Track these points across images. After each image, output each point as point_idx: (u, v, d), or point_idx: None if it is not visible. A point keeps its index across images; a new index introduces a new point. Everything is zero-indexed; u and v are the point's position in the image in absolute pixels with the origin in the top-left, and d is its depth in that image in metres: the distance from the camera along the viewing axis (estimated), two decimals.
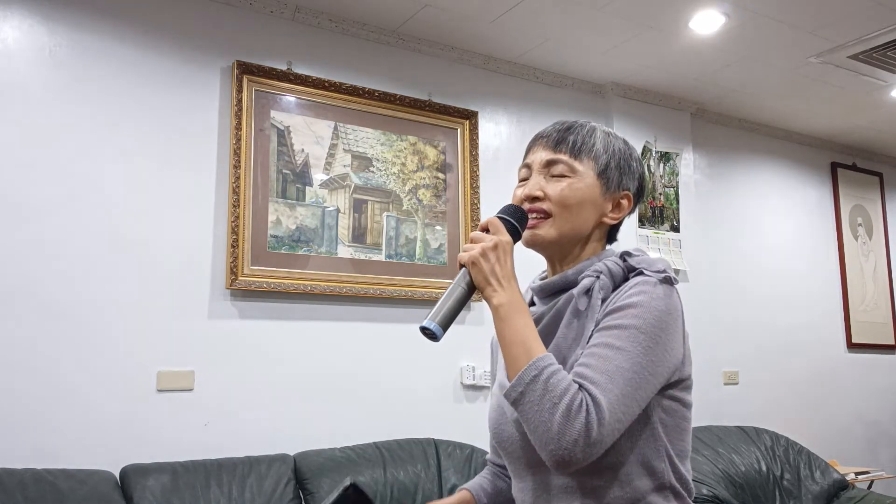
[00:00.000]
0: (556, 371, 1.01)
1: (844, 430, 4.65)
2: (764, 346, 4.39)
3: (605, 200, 1.21)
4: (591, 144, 1.21)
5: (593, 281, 1.14)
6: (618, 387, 1.01)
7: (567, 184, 1.18)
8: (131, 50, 2.76)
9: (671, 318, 1.08)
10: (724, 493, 3.19)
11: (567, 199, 1.17)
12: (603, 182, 1.20)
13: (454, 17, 3.19)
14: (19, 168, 2.51)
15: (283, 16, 3.07)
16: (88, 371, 2.53)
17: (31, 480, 2.21)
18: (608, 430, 0.99)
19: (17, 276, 2.47)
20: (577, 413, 0.97)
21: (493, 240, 1.10)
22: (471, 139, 3.43)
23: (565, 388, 0.99)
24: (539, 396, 0.99)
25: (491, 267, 1.08)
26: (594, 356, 1.04)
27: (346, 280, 3.03)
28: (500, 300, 1.08)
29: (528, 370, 1.01)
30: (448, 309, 1.08)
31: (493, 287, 1.08)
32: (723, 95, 4.13)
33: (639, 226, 3.86)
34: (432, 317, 1.07)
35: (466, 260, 1.10)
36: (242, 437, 2.75)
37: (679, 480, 1.13)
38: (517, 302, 1.08)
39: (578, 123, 1.24)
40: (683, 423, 1.15)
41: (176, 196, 2.77)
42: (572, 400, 0.98)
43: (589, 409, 0.98)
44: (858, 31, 3.34)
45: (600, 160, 1.20)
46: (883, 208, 5.19)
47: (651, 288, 1.09)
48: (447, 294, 1.10)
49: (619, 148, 1.24)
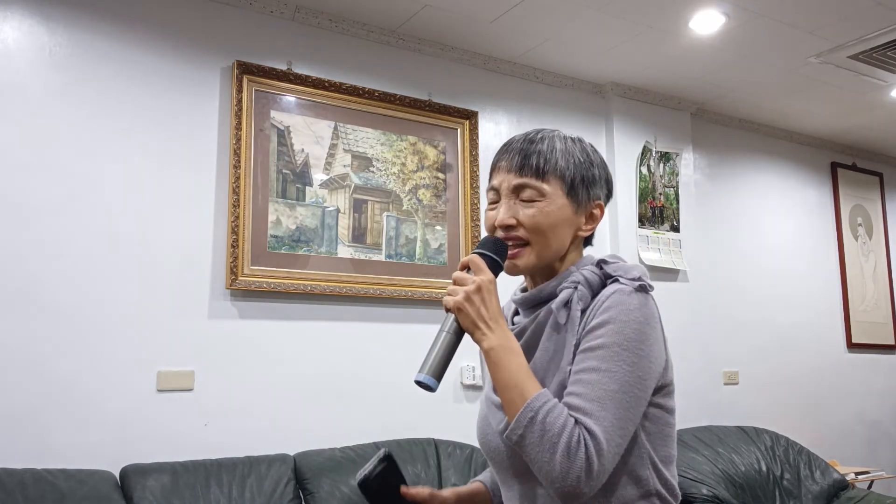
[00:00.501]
0: (551, 409, 1.02)
1: (844, 430, 4.65)
2: (764, 346, 4.39)
3: (577, 216, 1.21)
4: (554, 163, 1.19)
5: (571, 292, 1.14)
6: (610, 412, 1.03)
7: (538, 209, 1.17)
8: (131, 50, 2.76)
9: (649, 327, 1.09)
10: (724, 493, 3.19)
11: (541, 224, 1.17)
12: (573, 200, 1.20)
13: (454, 17, 3.19)
14: (19, 168, 2.51)
15: (283, 16, 3.07)
16: (88, 371, 2.53)
17: (31, 480, 2.21)
18: (608, 460, 1.02)
19: (18, 276, 2.47)
20: (576, 451, 0.99)
21: (476, 282, 1.10)
22: (471, 139, 3.43)
23: (562, 425, 1.01)
24: (538, 438, 1.01)
25: (477, 310, 1.09)
26: (581, 383, 1.05)
27: (346, 280, 3.03)
28: (491, 344, 1.08)
29: (525, 413, 1.02)
30: (439, 359, 1.08)
31: (482, 331, 1.09)
32: (723, 95, 4.13)
33: (639, 226, 3.87)
34: (424, 369, 1.07)
35: (452, 306, 1.10)
36: (242, 437, 2.75)
37: (664, 486, 1.14)
38: (508, 342, 1.09)
39: (539, 137, 1.21)
40: (667, 430, 1.15)
41: (176, 196, 2.77)
42: (570, 438, 1.00)
43: (587, 444, 1.00)
44: (858, 31, 3.34)
45: (566, 178, 1.19)
46: (883, 208, 5.20)
47: (626, 298, 1.09)
48: (436, 343, 1.09)
49: (580, 160, 1.21)
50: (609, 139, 3.92)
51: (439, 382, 1.07)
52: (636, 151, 3.93)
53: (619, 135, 3.91)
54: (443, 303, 1.12)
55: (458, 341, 1.10)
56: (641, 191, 3.90)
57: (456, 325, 1.10)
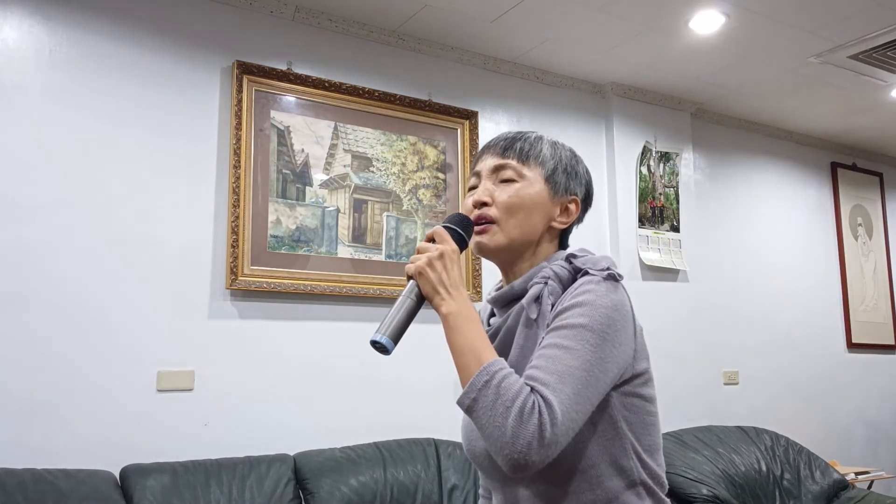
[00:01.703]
0: (507, 375, 1.02)
1: (844, 430, 4.65)
2: (764, 346, 4.39)
3: (553, 205, 1.22)
4: (539, 150, 1.23)
5: (541, 288, 1.15)
6: (569, 386, 1.02)
7: (515, 189, 1.20)
8: (131, 50, 2.76)
9: (618, 314, 1.09)
10: (724, 493, 3.19)
11: (514, 204, 1.19)
12: (550, 186, 1.22)
13: (454, 17, 3.19)
14: (19, 168, 2.51)
15: (283, 16, 3.07)
16: (88, 371, 2.53)
17: (31, 480, 2.20)
18: (562, 430, 0.99)
19: (18, 277, 2.47)
20: (529, 415, 0.98)
21: (439, 249, 1.11)
22: (471, 139, 3.43)
23: (517, 391, 1.00)
24: (491, 402, 1.00)
25: (438, 276, 1.10)
26: (544, 357, 1.05)
27: (346, 280, 3.03)
28: (449, 308, 1.09)
29: (480, 376, 1.02)
30: (398, 322, 1.08)
31: (441, 296, 1.09)
32: (723, 95, 4.13)
33: (639, 226, 3.86)
34: (382, 330, 1.07)
35: (413, 271, 1.11)
36: (242, 437, 2.75)
37: (650, 475, 1.14)
38: (466, 310, 1.09)
39: (526, 132, 1.26)
40: (649, 418, 1.15)
41: (176, 196, 2.77)
42: (524, 402, 0.98)
43: (541, 411, 0.98)
44: (858, 31, 3.34)
45: (547, 165, 1.22)
46: (883, 208, 5.20)
47: (595, 286, 1.10)
48: (396, 306, 1.10)
49: (565, 155, 1.26)
50: (609, 139, 3.92)
51: (395, 345, 1.07)
52: (636, 151, 3.93)
53: (619, 135, 3.91)
54: (405, 270, 1.12)
55: (418, 306, 1.11)
56: (641, 191, 3.90)
57: (417, 290, 1.11)
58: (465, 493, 2.80)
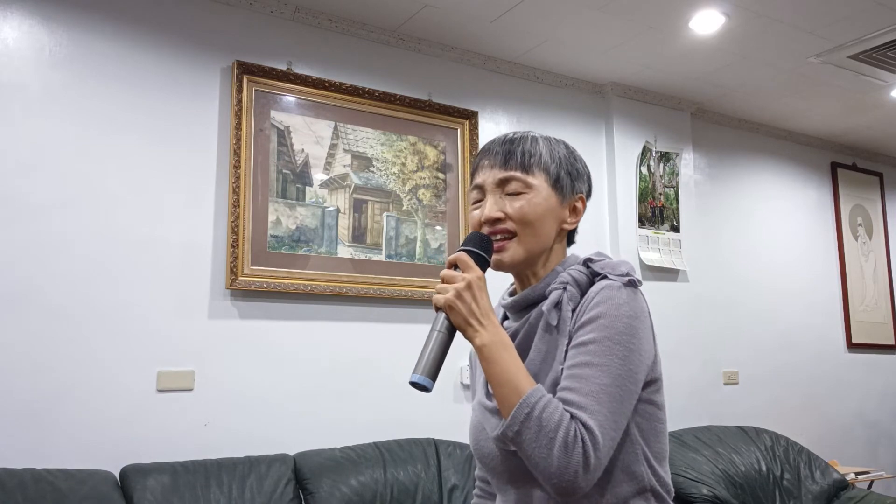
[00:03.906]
0: (546, 405, 1.02)
1: (844, 430, 4.65)
2: (764, 346, 4.39)
3: (562, 209, 1.22)
4: (539, 156, 1.20)
5: (561, 293, 1.14)
6: (605, 406, 1.03)
7: (525, 200, 1.18)
8: (131, 50, 2.76)
9: (639, 321, 1.10)
10: (724, 493, 3.19)
11: (528, 215, 1.18)
12: (558, 192, 1.21)
13: (454, 17, 3.19)
14: (19, 168, 2.51)
15: (283, 16, 3.07)
16: (88, 371, 2.53)
17: (31, 480, 2.20)
18: (604, 453, 1.02)
19: (17, 277, 2.47)
20: (573, 445, 1.00)
21: (466, 279, 1.09)
22: (471, 139, 3.43)
23: (558, 420, 1.01)
24: (535, 434, 1.01)
25: (468, 307, 1.08)
26: (575, 378, 1.06)
27: (346, 280, 3.03)
28: (483, 340, 1.08)
29: (521, 408, 1.02)
30: (433, 359, 1.07)
31: (474, 327, 1.08)
32: (723, 95, 4.13)
33: (639, 226, 3.86)
34: (419, 370, 1.06)
35: (442, 303, 1.09)
36: (242, 437, 2.75)
37: (659, 482, 1.15)
38: (500, 339, 1.09)
39: (520, 136, 1.23)
40: (659, 426, 1.16)
41: (176, 196, 2.77)
42: (567, 432, 1.00)
43: (584, 439, 1.00)
44: (858, 31, 3.34)
45: (551, 170, 1.20)
46: (883, 208, 5.20)
47: (615, 293, 1.10)
48: (428, 342, 1.08)
49: (564, 154, 1.23)
50: (609, 139, 3.92)
51: (434, 382, 1.06)
52: (636, 151, 3.93)
53: (619, 135, 3.91)
54: (433, 301, 1.11)
55: (450, 339, 1.10)
56: (641, 191, 3.90)
57: (447, 323, 1.09)
58: (465, 493, 2.80)
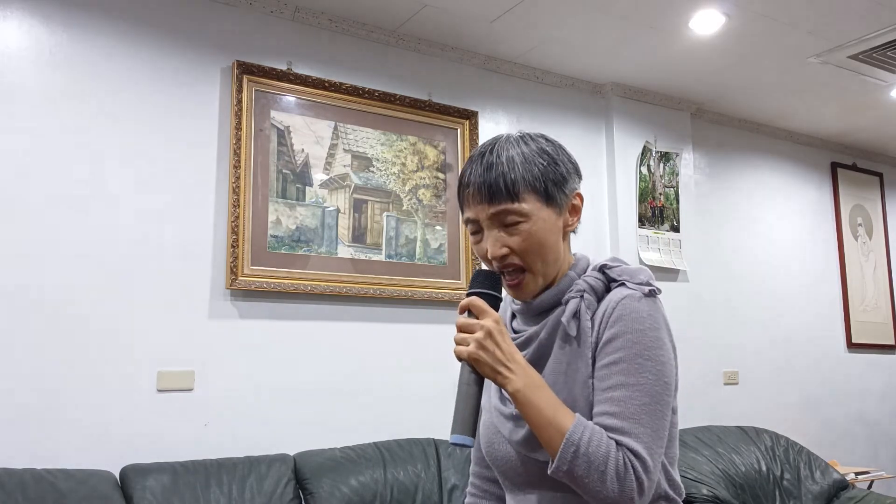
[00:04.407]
0: (590, 439, 1.02)
1: (844, 430, 4.65)
2: (764, 346, 4.39)
3: (560, 219, 1.18)
4: (521, 177, 1.12)
5: (578, 302, 1.13)
6: (648, 427, 1.04)
7: (525, 232, 1.13)
8: (131, 50, 2.76)
9: (663, 332, 1.10)
10: (724, 493, 3.19)
11: (532, 247, 1.14)
12: (553, 206, 1.16)
13: (454, 17, 3.19)
14: (19, 168, 2.51)
15: (283, 16, 3.07)
16: (88, 371, 2.53)
17: (31, 480, 2.20)
18: (654, 474, 1.04)
19: (18, 276, 2.47)
20: (625, 474, 1.01)
21: (485, 328, 1.06)
22: (471, 139, 3.43)
23: (605, 453, 1.01)
24: (585, 470, 1.01)
25: (493, 356, 1.06)
26: (612, 401, 1.05)
27: (346, 280, 3.03)
28: (516, 386, 1.06)
29: (566, 448, 1.02)
30: (468, 414, 1.06)
31: (503, 375, 1.06)
32: (723, 95, 4.13)
33: (639, 226, 3.86)
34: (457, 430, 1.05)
35: (466, 357, 1.07)
36: (242, 437, 2.75)
37: (672, 486, 1.15)
38: (531, 380, 1.07)
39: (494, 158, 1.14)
40: (673, 431, 1.16)
41: (176, 196, 2.77)
42: (616, 463, 1.01)
43: (634, 467, 1.01)
44: (858, 31, 3.34)
45: (539, 189, 1.13)
46: (883, 208, 5.19)
47: (637, 305, 1.09)
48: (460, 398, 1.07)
49: (543, 164, 1.15)
50: (609, 139, 3.92)
51: (475, 437, 1.05)
52: (636, 151, 3.93)
53: (619, 135, 3.91)
54: (455, 352, 1.09)
55: (480, 390, 1.08)
56: (641, 191, 3.90)
57: (474, 375, 1.07)
58: (465, 492, 2.80)
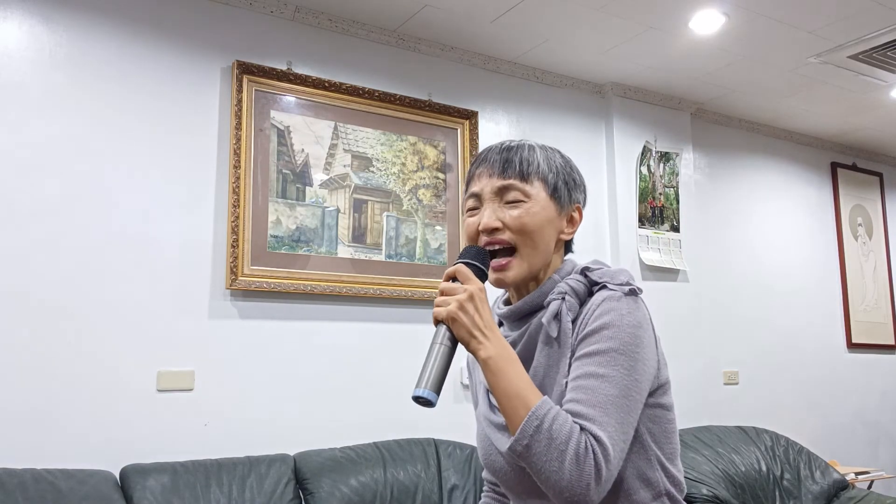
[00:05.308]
0: (555, 417, 1.01)
1: (844, 430, 4.65)
2: (764, 346, 4.39)
3: (559, 219, 1.20)
4: (537, 165, 1.18)
5: (560, 304, 1.13)
6: (613, 417, 1.02)
7: (524, 210, 1.16)
8: (131, 50, 2.76)
9: (642, 330, 1.09)
10: (724, 493, 3.19)
11: (527, 225, 1.15)
12: (556, 201, 1.19)
13: (454, 17, 3.19)
14: (19, 168, 2.51)
15: (283, 16, 3.07)
16: (89, 371, 2.53)
17: (31, 480, 2.21)
18: (615, 464, 1.01)
19: (17, 276, 2.47)
20: (584, 458, 0.98)
21: (468, 290, 1.08)
22: (471, 139, 3.43)
23: (568, 432, 1.00)
24: (545, 447, 0.99)
25: (471, 319, 1.07)
26: (581, 389, 1.05)
27: (346, 280, 3.03)
28: (488, 353, 1.06)
29: (530, 421, 1.01)
30: (436, 372, 1.05)
31: (478, 340, 1.07)
32: (723, 95, 4.13)
33: (639, 226, 3.86)
34: (422, 384, 1.04)
35: (445, 317, 1.07)
36: (242, 437, 2.75)
37: (672, 483, 1.15)
38: (505, 351, 1.07)
39: (517, 144, 1.21)
40: (669, 426, 1.16)
41: (176, 196, 2.77)
42: (577, 445, 0.99)
43: (595, 451, 0.99)
44: (858, 31, 3.34)
45: (549, 180, 1.19)
46: (883, 208, 5.20)
47: (617, 304, 1.09)
48: (430, 356, 1.06)
49: (560, 163, 1.22)
50: (609, 139, 3.92)
51: (438, 396, 1.04)
52: (636, 151, 3.93)
53: (619, 135, 3.91)
54: (433, 315, 1.09)
55: (453, 352, 1.08)
56: (641, 191, 3.90)
57: (450, 335, 1.08)
58: (465, 493, 2.80)
